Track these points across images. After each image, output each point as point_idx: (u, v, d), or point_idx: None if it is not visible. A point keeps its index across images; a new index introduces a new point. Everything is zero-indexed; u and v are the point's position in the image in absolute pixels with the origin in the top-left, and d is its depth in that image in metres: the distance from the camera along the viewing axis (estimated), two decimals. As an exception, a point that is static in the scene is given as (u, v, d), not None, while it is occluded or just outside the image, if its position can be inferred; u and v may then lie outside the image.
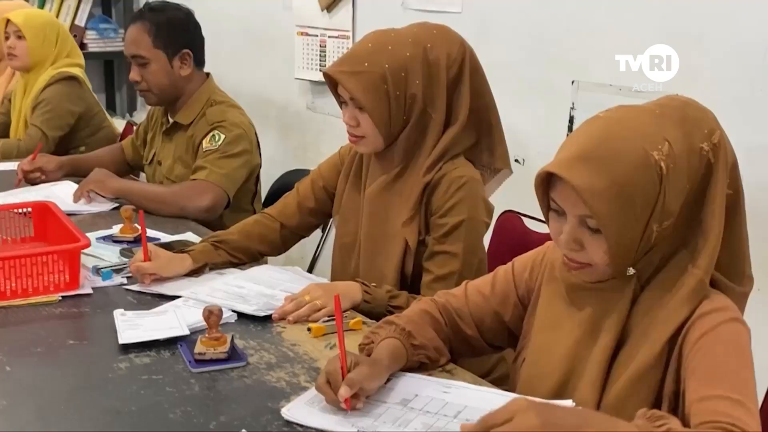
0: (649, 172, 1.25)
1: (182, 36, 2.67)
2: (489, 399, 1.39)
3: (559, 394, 1.38)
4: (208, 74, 2.77)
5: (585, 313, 1.38)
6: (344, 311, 1.76)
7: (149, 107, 2.91)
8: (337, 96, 1.93)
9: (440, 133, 1.90)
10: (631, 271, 1.33)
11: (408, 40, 1.88)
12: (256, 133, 2.75)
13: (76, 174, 2.81)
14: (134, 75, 2.67)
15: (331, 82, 1.90)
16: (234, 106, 2.75)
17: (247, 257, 2.08)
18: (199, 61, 2.73)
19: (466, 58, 1.91)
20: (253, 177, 2.76)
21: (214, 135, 2.60)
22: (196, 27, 2.74)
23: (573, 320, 1.39)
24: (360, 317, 1.76)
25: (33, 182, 2.77)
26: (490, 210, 1.95)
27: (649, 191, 1.26)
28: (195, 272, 1.97)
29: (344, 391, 1.33)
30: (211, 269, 2.01)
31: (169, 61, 2.64)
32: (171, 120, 2.74)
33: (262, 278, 1.97)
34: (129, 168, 3.05)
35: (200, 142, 2.62)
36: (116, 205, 2.53)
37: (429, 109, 1.89)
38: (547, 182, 1.32)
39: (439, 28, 1.93)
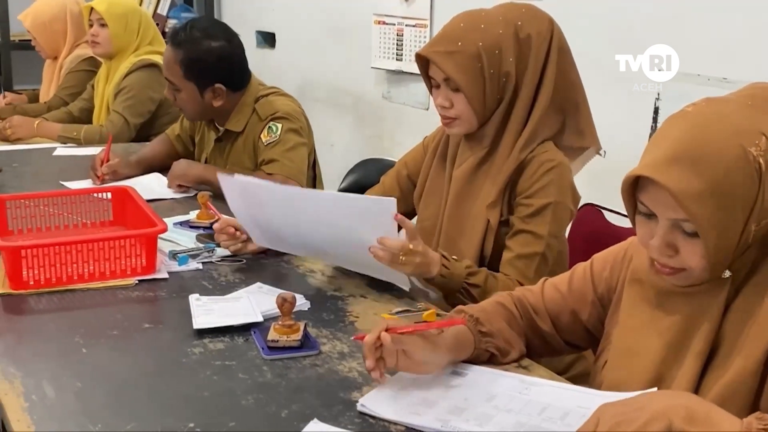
0: (748, 169, 1.18)
1: (216, 70, 2.55)
2: (571, 397, 1.34)
3: None
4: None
5: (674, 318, 1.31)
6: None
7: None
8: (427, 79, 1.92)
9: (526, 112, 1.87)
10: (728, 273, 1.26)
11: (498, 18, 1.86)
12: (306, 117, 2.71)
13: (146, 171, 2.79)
14: (168, 93, 2.64)
15: (422, 64, 1.89)
16: (280, 94, 2.70)
17: None
18: (237, 87, 2.61)
19: (554, 36, 1.89)
20: (310, 162, 2.71)
21: (270, 127, 2.57)
22: (234, 57, 2.61)
23: (661, 325, 1.32)
24: (434, 309, 1.73)
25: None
26: (576, 199, 1.92)
27: (747, 190, 1.19)
28: None
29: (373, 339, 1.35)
30: None
31: (200, 92, 2.57)
32: (221, 128, 2.68)
33: None
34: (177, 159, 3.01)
35: (259, 137, 2.59)
36: (195, 193, 2.54)
37: (519, 88, 1.87)
38: (634, 184, 1.26)
39: (527, 6, 1.92)
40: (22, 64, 4.71)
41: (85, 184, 2.65)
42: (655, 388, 1.29)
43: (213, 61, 2.54)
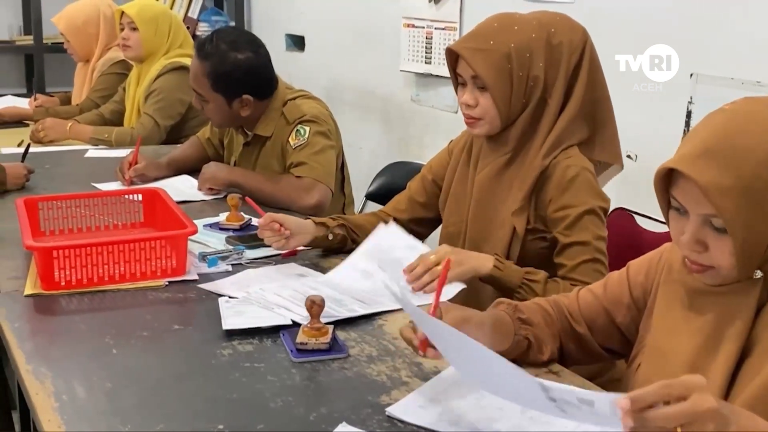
0: None
1: (243, 82, 2.55)
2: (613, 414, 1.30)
3: None
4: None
5: (706, 318, 1.29)
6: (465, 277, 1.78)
7: None
8: (455, 77, 1.91)
9: (554, 121, 1.87)
10: (758, 273, 1.24)
11: (533, 22, 1.87)
12: (334, 119, 2.72)
13: (176, 173, 2.83)
14: (196, 103, 2.66)
15: (452, 60, 1.89)
16: (308, 97, 2.71)
17: (365, 235, 2.07)
18: (264, 96, 2.61)
19: (587, 47, 1.89)
20: (338, 165, 2.72)
21: (298, 130, 2.57)
22: (261, 68, 2.61)
23: (692, 326, 1.31)
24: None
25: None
26: (606, 199, 1.90)
27: None
28: (316, 241, 2.04)
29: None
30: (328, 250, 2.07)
31: (228, 103, 2.57)
32: (250, 133, 2.69)
33: (340, 284, 1.86)
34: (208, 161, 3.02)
35: (287, 140, 2.60)
36: (225, 195, 2.55)
37: (547, 95, 1.87)
38: (667, 179, 1.25)
39: (561, 15, 1.92)
40: (54, 67, 4.77)
41: (116, 185, 2.67)
42: None
43: (240, 73, 2.55)
